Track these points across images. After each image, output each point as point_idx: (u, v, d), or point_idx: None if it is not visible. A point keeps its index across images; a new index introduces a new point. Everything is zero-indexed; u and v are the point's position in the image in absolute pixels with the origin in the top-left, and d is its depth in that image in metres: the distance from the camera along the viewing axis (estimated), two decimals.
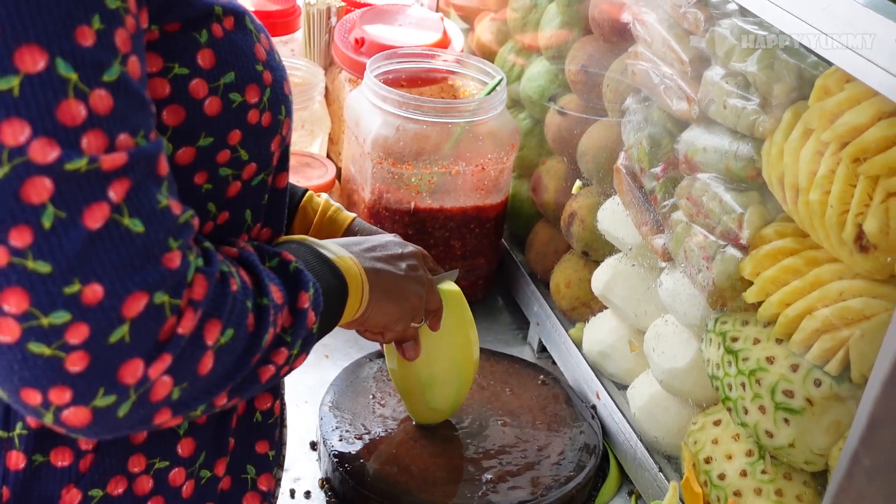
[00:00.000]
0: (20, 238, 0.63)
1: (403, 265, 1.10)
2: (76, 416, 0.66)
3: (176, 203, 0.70)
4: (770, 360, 1.06)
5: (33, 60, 0.62)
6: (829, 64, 0.94)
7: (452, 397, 1.35)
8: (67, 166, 0.63)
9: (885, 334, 0.72)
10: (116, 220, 0.65)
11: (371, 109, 1.62)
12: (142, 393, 0.68)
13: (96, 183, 0.64)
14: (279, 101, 0.86)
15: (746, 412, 1.09)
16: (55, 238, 0.63)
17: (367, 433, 1.37)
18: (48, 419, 0.67)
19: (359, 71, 1.77)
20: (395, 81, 1.74)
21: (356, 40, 1.85)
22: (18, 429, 0.80)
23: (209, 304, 0.72)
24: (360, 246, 1.06)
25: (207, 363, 0.72)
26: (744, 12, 1.08)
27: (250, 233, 0.91)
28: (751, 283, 1.08)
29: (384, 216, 1.65)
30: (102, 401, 0.66)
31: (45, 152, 0.63)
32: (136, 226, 0.66)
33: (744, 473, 1.13)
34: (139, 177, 0.67)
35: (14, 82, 0.62)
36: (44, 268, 0.63)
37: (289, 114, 0.89)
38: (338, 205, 1.24)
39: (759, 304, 1.08)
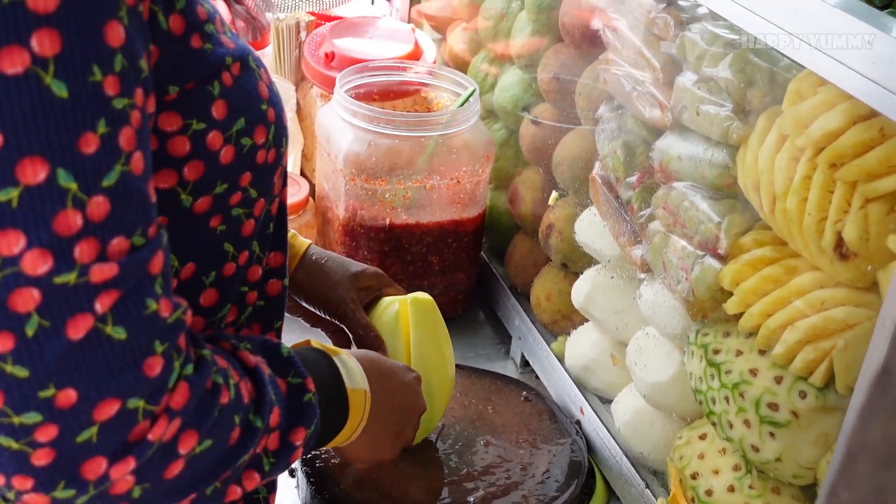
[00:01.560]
0: (2, 343, 0.64)
1: (403, 422, 1.10)
2: (36, 501, 0.68)
3: (166, 302, 0.70)
4: (753, 372, 1.03)
5: (34, 172, 0.62)
6: (802, 67, 0.91)
7: (427, 416, 1.32)
8: (56, 279, 0.63)
9: (868, 344, 0.69)
10: (99, 329, 0.65)
11: (342, 125, 1.59)
12: (102, 489, 0.69)
13: (83, 295, 0.64)
14: (281, 134, 0.86)
15: (731, 426, 1.06)
16: (36, 346, 0.64)
17: None
18: (10, 496, 0.68)
19: (330, 86, 1.74)
20: (366, 95, 1.71)
21: (326, 55, 1.82)
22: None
23: (189, 414, 0.72)
24: (382, 383, 1.05)
25: (175, 469, 0.73)
26: (714, 16, 1.06)
27: (262, 262, 0.91)
28: (731, 294, 1.06)
29: (359, 233, 1.61)
30: (62, 493, 0.68)
31: (37, 265, 0.63)
32: (119, 333, 0.66)
33: (731, 489, 1.10)
34: (128, 286, 0.67)
35: (13, 194, 0.62)
36: (21, 372, 0.64)
37: (288, 143, 0.89)
38: (292, 230, 1.23)
39: (741, 314, 1.05)
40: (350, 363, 1.00)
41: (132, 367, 0.67)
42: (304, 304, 1.25)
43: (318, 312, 1.26)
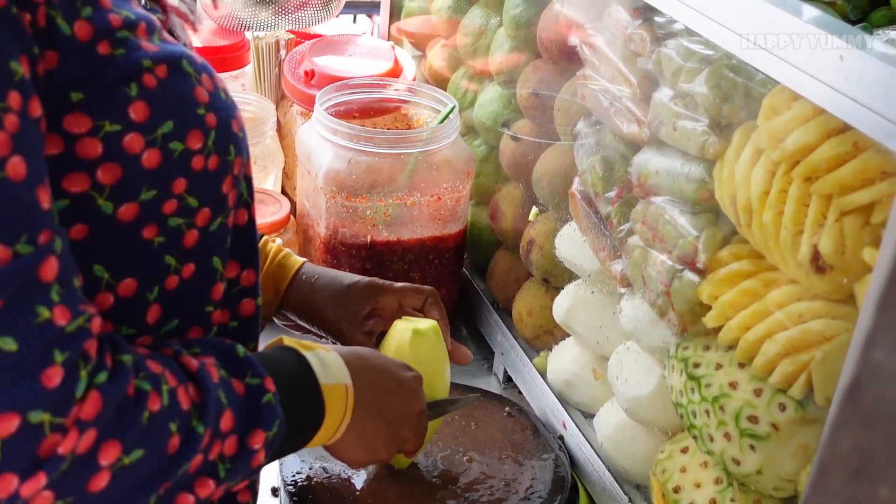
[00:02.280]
0: None
1: (396, 421, 1.05)
2: None
3: (63, 310, 0.68)
4: (733, 385, 1.04)
5: None
6: (777, 82, 0.92)
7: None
8: None
9: (845, 356, 0.70)
10: None
11: (322, 143, 1.59)
12: None
13: None
14: (227, 141, 0.83)
15: (712, 440, 1.06)
16: None
17: (328, 477, 1.33)
18: None
19: (310, 104, 1.74)
20: (346, 113, 1.71)
21: (306, 72, 1.82)
22: None
23: (105, 424, 0.70)
24: (369, 376, 1.01)
25: (100, 482, 0.71)
26: (690, 32, 1.06)
27: (224, 279, 0.88)
28: (710, 308, 1.06)
29: (341, 251, 1.61)
30: None
31: None
32: (8, 344, 0.64)
33: (713, 502, 1.10)
34: (12, 293, 0.65)
35: None
36: None
37: (240, 152, 0.86)
38: (287, 250, 1.21)
39: (720, 328, 1.05)
40: (328, 358, 0.96)
41: (27, 379, 0.65)
42: (302, 324, 1.23)
43: (315, 330, 1.24)
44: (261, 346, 1.00)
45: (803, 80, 0.84)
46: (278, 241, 1.24)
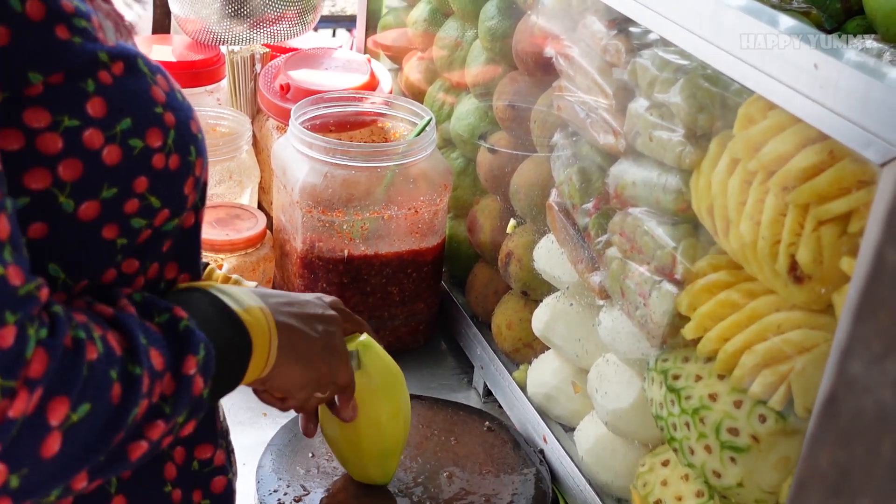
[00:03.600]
0: None
1: (320, 328, 1.02)
2: None
3: (16, 271, 0.65)
4: (713, 397, 1.03)
5: None
6: (753, 92, 0.92)
7: (389, 462, 1.30)
8: None
9: (825, 366, 0.69)
10: None
11: (297, 157, 1.58)
12: None
13: None
14: (187, 141, 0.82)
15: (692, 452, 1.05)
16: None
17: (306, 494, 1.31)
18: None
19: (286, 118, 1.73)
20: (323, 127, 1.70)
21: (282, 86, 1.81)
22: None
23: (51, 380, 0.66)
24: (276, 298, 0.98)
25: (53, 445, 0.67)
26: (665, 42, 1.06)
27: (161, 279, 0.86)
28: (689, 319, 1.05)
29: (317, 266, 1.60)
30: None
31: None
32: None
33: None
34: None
35: None
36: None
37: (201, 153, 0.85)
38: (237, 276, 1.19)
39: (699, 339, 1.04)
40: (231, 290, 0.92)
41: None
42: None
43: None
44: None
45: (778, 89, 0.84)
46: (225, 266, 1.22)
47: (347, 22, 2.56)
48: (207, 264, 1.18)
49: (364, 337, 1.21)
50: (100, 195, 0.76)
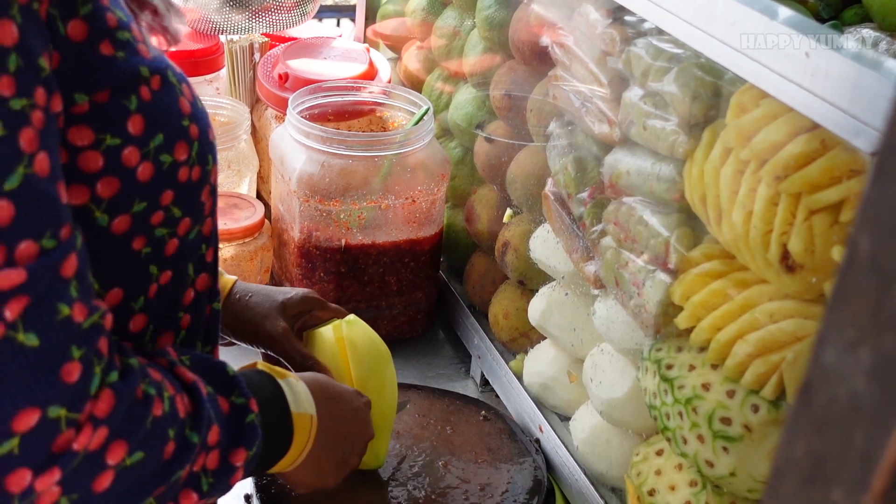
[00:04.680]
0: None
1: (348, 449, 1.08)
2: None
3: (81, 307, 0.68)
4: (706, 386, 1.03)
5: None
6: (746, 80, 0.91)
7: (378, 443, 1.30)
8: None
9: None
10: (10, 337, 0.64)
11: (295, 146, 1.58)
12: (27, 502, 0.67)
13: None
14: (206, 151, 0.84)
15: (685, 442, 1.05)
16: None
17: None
18: None
19: (284, 107, 1.73)
20: (321, 116, 1.70)
21: (280, 76, 1.81)
22: None
23: (116, 423, 0.71)
24: (330, 407, 1.03)
25: (104, 481, 0.71)
26: (659, 31, 1.06)
27: (195, 285, 0.88)
28: (682, 309, 1.05)
29: (315, 255, 1.60)
30: None
31: None
32: (31, 340, 0.65)
33: None
34: (39, 290, 0.65)
35: None
36: None
37: (215, 160, 0.87)
38: (220, 270, 1.21)
39: (692, 329, 1.04)
40: (297, 387, 0.98)
41: (48, 375, 0.66)
42: (237, 342, 1.23)
43: (253, 347, 1.23)
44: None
45: (770, 77, 0.84)
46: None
47: (351, 12, 2.55)
48: None
49: (351, 316, 1.24)
50: (131, 209, 0.77)
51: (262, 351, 1.23)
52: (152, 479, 0.76)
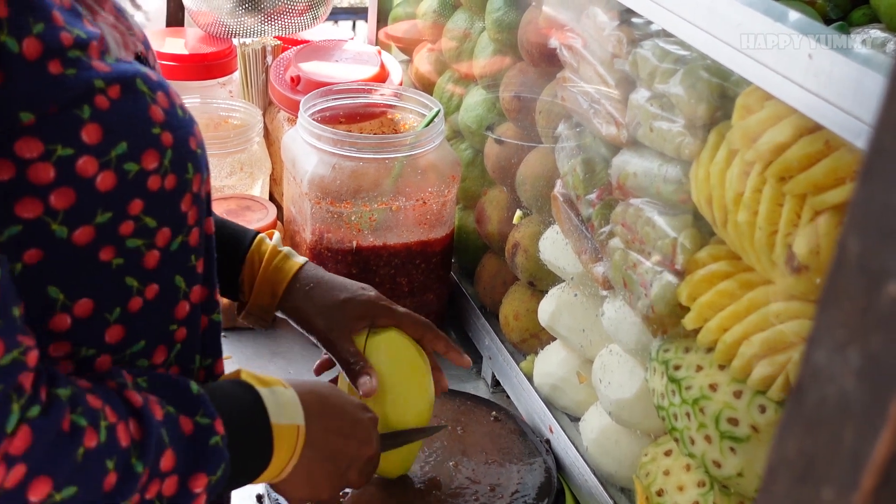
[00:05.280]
0: None
1: (346, 463, 1.02)
2: None
3: None
4: (713, 387, 1.03)
5: None
6: (750, 82, 0.92)
7: (407, 450, 1.30)
8: None
9: None
10: None
11: (306, 149, 1.59)
12: None
13: None
14: (184, 160, 0.82)
15: (693, 442, 1.05)
16: None
17: None
18: None
19: (296, 110, 1.74)
20: (332, 118, 1.71)
21: (292, 78, 1.82)
22: None
23: (35, 459, 0.68)
24: (323, 419, 0.98)
25: None
26: (665, 33, 1.06)
27: (189, 297, 0.86)
28: (689, 309, 1.05)
29: (326, 256, 1.61)
30: None
31: None
32: None
33: None
34: None
35: None
36: None
37: (199, 169, 0.84)
38: (287, 249, 1.18)
39: (699, 330, 1.05)
40: (284, 396, 0.94)
41: None
42: (300, 330, 1.20)
43: (309, 337, 1.21)
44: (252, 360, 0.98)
45: (774, 79, 0.84)
46: (276, 236, 1.21)
47: (365, 14, 2.57)
48: (258, 234, 1.18)
49: (384, 331, 1.20)
50: (94, 220, 0.75)
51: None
52: None
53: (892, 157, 0.37)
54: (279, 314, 1.20)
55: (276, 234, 1.20)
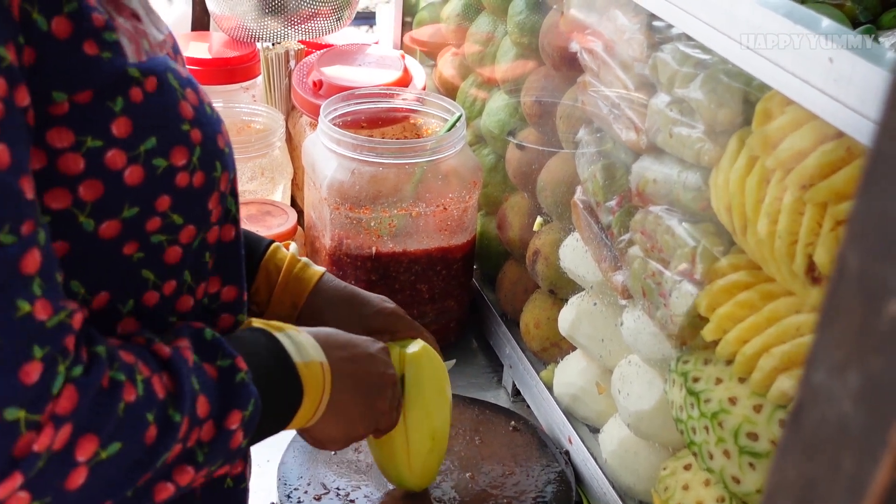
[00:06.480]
0: None
1: (373, 390, 1.02)
2: None
3: (45, 304, 0.66)
4: (732, 400, 1.00)
5: None
6: (771, 86, 0.89)
7: (429, 463, 1.27)
8: None
9: None
10: None
11: (326, 153, 1.58)
12: None
13: None
14: (212, 157, 0.81)
15: (711, 457, 1.02)
16: None
17: (325, 493, 1.31)
18: None
19: (318, 114, 1.72)
20: (354, 123, 1.69)
21: (314, 83, 1.81)
22: None
23: (81, 418, 0.68)
24: (341, 351, 0.97)
25: (77, 479, 0.69)
26: (686, 36, 1.03)
27: (194, 293, 0.85)
28: (708, 320, 1.03)
29: (346, 263, 1.59)
30: None
31: None
32: None
33: None
34: None
35: None
36: None
37: (226, 168, 0.84)
38: (305, 259, 1.17)
39: (719, 341, 1.02)
40: (299, 337, 0.92)
41: (6, 375, 0.63)
42: None
43: None
44: None
45: (793, 83, 0.81)
46: (293, 246, 1.20)
47: (374, 19, 2.55)
48: (272, 242, 1.17)
49: (415, 346, 1.18)
50: (120, 215, 0.75)
51: None
52: (136, 466, 0.72)
53: (894, 164, 0.34)
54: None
55: (293, 244, 1.19)
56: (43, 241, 0.67)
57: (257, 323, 0.93)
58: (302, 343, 0.92)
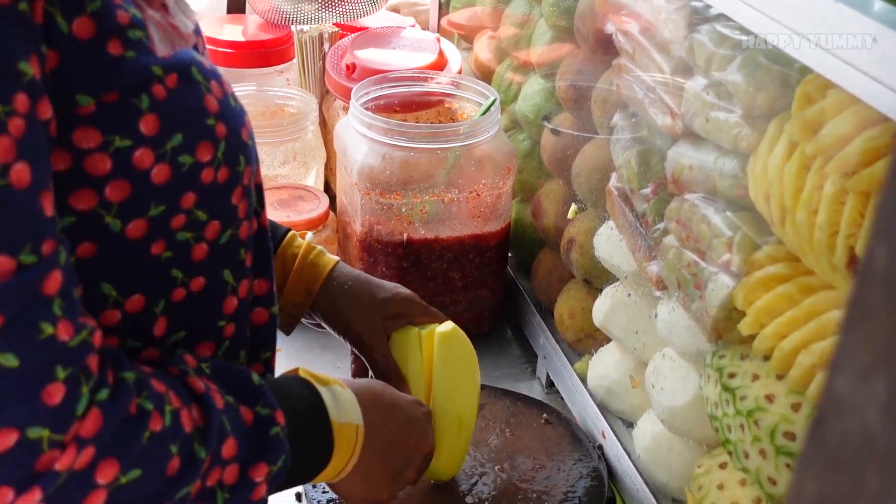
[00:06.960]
0: None
1: (402, 461, 1.01)
2: None
3: (66, 325, 0.66)
4: (769, 398, 0.96)
5: None
6: (811, 69, 0.84)
7: (454, 454, 1.24)
8: None
9: None
10: None
11: (357, 138, 1.55)
12: None
13: None
14: (236, 151, 0.80)
15: (747, 456, 0.98)
16: None
17: None
18: None
19: (350, 98, 1.70)
20: (387, 107, 1.66)
21: (347, 66, 1.78)
22: None
23: (104, 442, 0.68)
24: (382, 415, 0.97)
25: (95, 499, 0.69)
26: (724, 17, 0.99)
27: (237, 292, 0.84)
28: (745, 314, 0.98)
29: (376, 249, 1.56)
30: None
31: None
32: (9, 361, 0.63)
33: None
34: (16, 309, 0.63)
35: None
36: None
37: (249, 161, 0.82)
38: (319, 247, 1.16)
39: (756, 336, 0.97)
40: (343, 395, 0.92)
41: (28, 396, 0.64)
42: (326, 327, 1.17)
43: (337, 336, 1.18)
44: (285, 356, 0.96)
45: (835, 65, 0.77)
46: (308, 235, 1.18)
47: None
48: (289, 230, 1.16)
49: (445, 327, 1.16)
50: (147, 214, 0.74)
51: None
52: (154, 495, 0.73)
53: None
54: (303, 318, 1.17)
55: (309, 234, 1.19)
56: (63, 259, 0.67)
57: (303, 373, 0.93)
58: (343, 402, 0.92)
